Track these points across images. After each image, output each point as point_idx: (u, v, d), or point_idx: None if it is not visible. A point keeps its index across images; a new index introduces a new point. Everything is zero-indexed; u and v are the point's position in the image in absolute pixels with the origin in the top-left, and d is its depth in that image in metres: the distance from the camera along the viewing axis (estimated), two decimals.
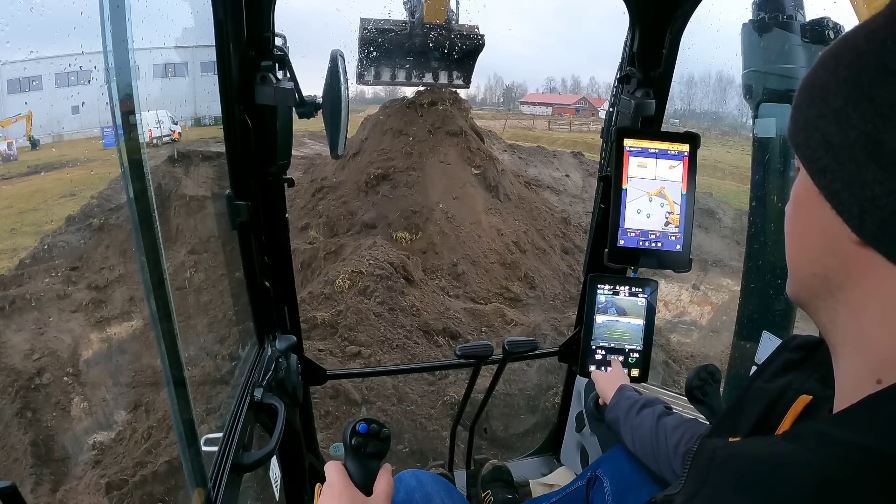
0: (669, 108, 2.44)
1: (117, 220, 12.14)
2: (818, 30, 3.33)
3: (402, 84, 15.58)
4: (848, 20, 3.20)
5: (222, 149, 1.92)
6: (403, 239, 12.14)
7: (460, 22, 14.61)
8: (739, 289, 4.17)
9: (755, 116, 3.72)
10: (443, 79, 15.42)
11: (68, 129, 15.69)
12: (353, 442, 1.30)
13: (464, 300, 10.79)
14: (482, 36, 14.76)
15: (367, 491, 1.27)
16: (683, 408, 2.10)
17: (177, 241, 11.15)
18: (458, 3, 14.33)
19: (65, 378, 8.02)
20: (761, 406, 0.91)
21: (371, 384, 7.12)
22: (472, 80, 15.96)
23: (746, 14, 3.69)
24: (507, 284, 11.63)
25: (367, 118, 16.47)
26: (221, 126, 1.84)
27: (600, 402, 2.05)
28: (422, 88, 15.45)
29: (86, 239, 11.98)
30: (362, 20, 14.16)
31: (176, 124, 17.61)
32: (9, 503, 0.85)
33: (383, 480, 1.29)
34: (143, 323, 9.24)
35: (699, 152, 2.25)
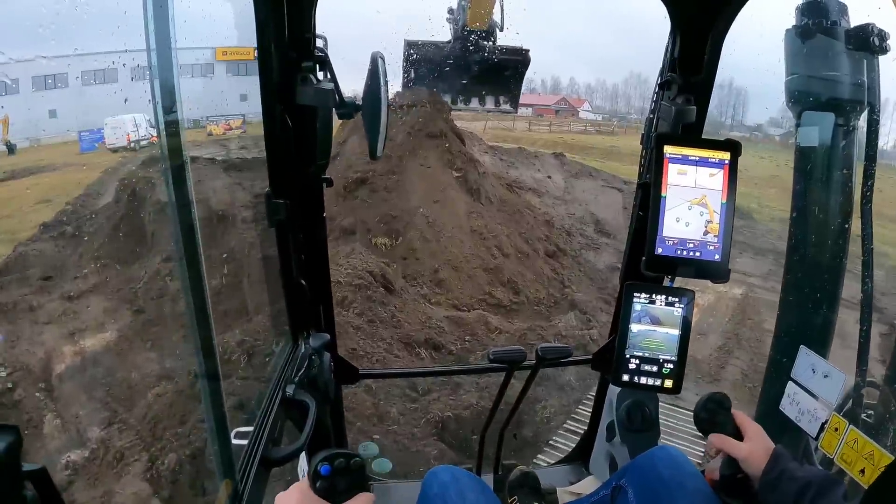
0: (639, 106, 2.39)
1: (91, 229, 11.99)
2: (862, 36, 3.29)
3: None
4: (893, 26, 3.14)
5: (201, 152, 1.89)
6: (383, 245, 12.10)
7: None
8: (742, 293, 4.15)
9: (798, 124, 3.69)
10: (489, 104, 15.38)
11: (46, 133, 15.56)
12: (318, 486, 1.23)
13: (446, 307, 10.73)
14: (527, 51, 14.72)
15: None
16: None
17: (152, 248, 11.02)
18: (502, 13, 14.27)
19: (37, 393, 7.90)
20: None
21: (349, 404, 6.96)
22: (518, 102, 15.98)
23: (789, 20, 3.65)
24: (490, 290, 11.59)
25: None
26: (202, 129, 1.83)
27: (739, 475, 1.71)
28: (401, 90, 15.28)
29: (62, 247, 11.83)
30: (406, 42, 14.19)
31: (153, 127, 17.41)
32: (39, 486, 0.82)
33: None
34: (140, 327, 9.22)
35: None
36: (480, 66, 14.33)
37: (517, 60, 14.61)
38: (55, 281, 10.76)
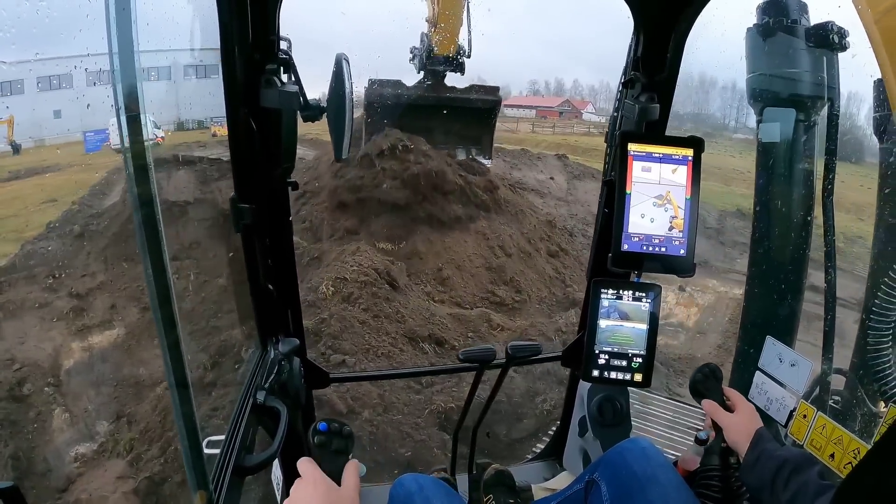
0: None
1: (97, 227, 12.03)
2: (823, 34, 3.37)
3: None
4: (852, 24, 3.22)
5: (206, 153, 1.92)
6: (387, 244, 12.02)
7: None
8: (743, 293, 4.18)
9: (759, 121, 3.76)
10: (461, 156, 14.33)
11: (50, 133, 15.51)
12: (315, 440, 1.39)
13: (449, 305, 10.75)
14: (497, 89, 14.24)
15: (337, 484, 1.36)
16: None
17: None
18: (469, 36, 13.82)
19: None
20: None
21: (356, 394, 7.12)
22: (492, 150, 15.04)
23: (750, 18, 3.72)
24: (492, 289, 11.58)
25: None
26: (203, 130, 1.84)
27: (724, 444, 1.86)
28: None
29: (68, 245, 11.87)
30: (370, 82, 13.40)
31: (158, 128, 17.37)
32: (10, 503, 0.84)
33: (351, 473, 1.38)
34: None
35: None
36: (449, 110, 13.66)
37: (489, 101, 13.99)
38: (62, 279, 10.83)
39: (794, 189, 3.59)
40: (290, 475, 2.28)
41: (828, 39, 3.34)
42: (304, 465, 1.35)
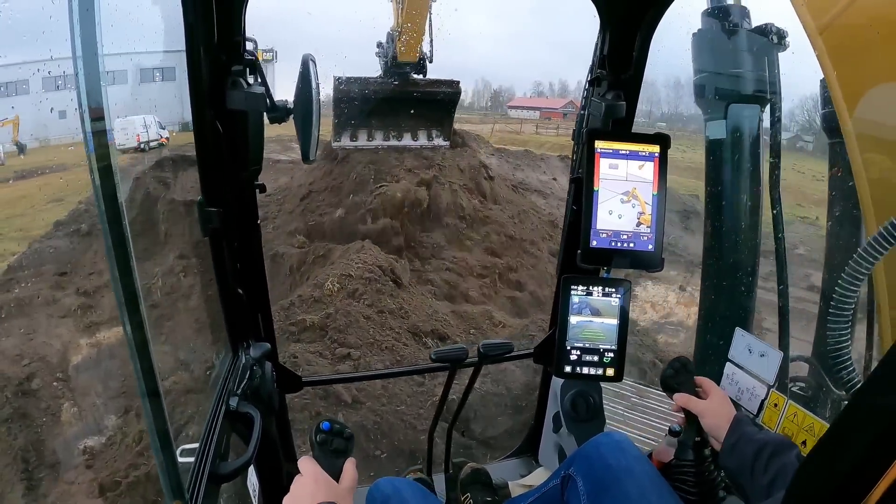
0: (656, 111, 2.49)
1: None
2: (763, 35, 3.48)
3: (380, 146, 14.77)
4: (790, 25, 3.35)
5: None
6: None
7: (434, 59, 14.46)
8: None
9: (706, 119, 3.84)
10: (422, 138, 15.04)
11: (54, 133, 15.55)
12: (317, 438, 1.44)
13: (452, 302, 10.83)
14: (457, 83, 14.66)
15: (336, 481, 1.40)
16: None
17: (165, 245, 11.10)
18: (431, 44, 14.37)
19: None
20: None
21: (361, 385, 7.20)
22: (451, 134, 15.61)
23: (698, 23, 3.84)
24: (495, 287, 11.64)
25: None
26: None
27: (697, 437, 1.86)
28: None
29: (75, 244, 11.96)
30: (335, 78, 13.90)
31: (163, 129, 17.43)
32: None
33: (349, 471, 1.43)
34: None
35: (680, 154, 2.30)
36: (412, 100, 14.22)
37: (448, 92, 14.52)
38: (70, 276, 10.92)
39: (741, 181, 3.67)
40: (266, 481, 2.30)
41: (768, 40, 3.46)
42: (305, 463, 1.41)
